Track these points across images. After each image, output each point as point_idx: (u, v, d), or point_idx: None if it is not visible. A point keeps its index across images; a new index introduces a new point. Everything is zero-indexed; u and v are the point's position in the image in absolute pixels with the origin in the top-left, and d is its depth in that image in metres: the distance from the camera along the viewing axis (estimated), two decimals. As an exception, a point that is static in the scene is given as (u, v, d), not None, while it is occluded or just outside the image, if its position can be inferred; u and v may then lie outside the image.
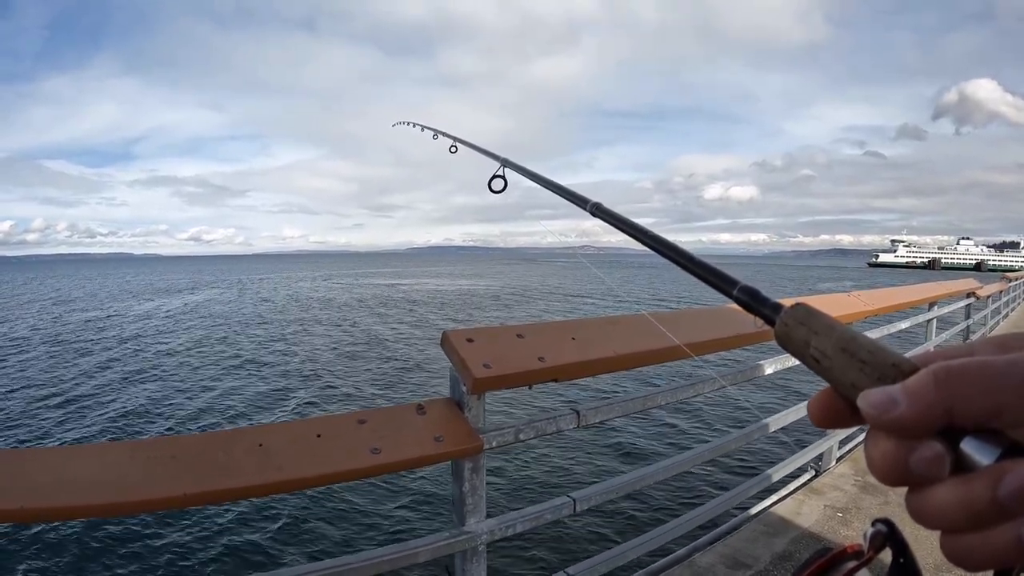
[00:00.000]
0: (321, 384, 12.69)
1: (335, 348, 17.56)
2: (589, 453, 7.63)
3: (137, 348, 18.16)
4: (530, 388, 1.69)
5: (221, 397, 11.67)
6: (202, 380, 13.26)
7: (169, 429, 9.64)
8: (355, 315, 27.33)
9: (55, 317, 28.39)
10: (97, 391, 12.31)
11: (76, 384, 12.99)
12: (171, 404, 11.17)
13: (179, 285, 55.00)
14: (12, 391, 12.41)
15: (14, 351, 17.85)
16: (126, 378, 13.57)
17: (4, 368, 15.07)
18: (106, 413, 10.57)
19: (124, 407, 10.97)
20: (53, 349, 18.12)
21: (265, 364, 15.11)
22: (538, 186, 1.14)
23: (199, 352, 17.15)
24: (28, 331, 22.90)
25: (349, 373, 13.78)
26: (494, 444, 1.61)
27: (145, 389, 12.40)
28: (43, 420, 10.20)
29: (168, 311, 30.60)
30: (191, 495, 1.22)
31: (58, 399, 11.63)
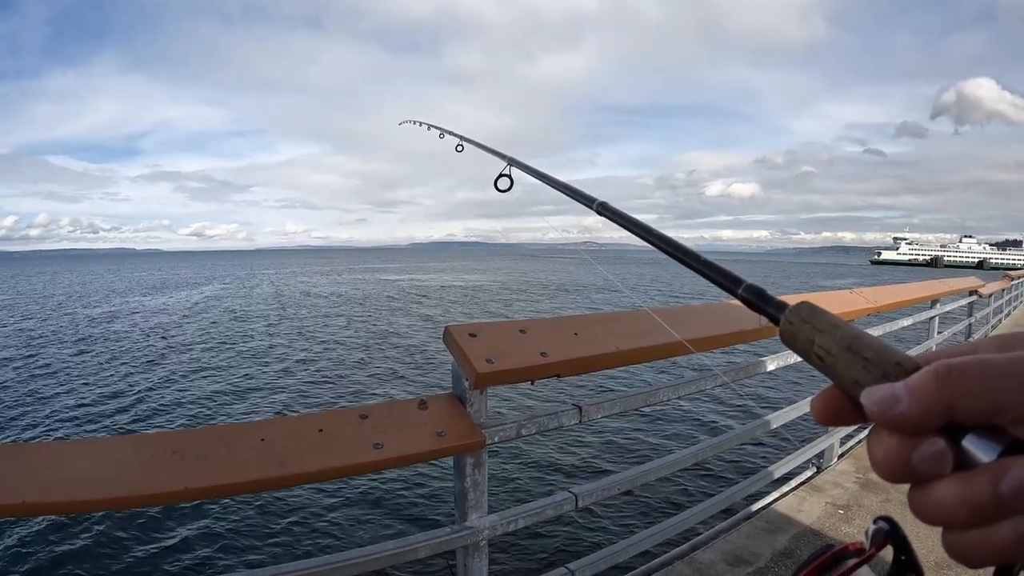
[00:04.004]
0: (323, 379, 12.72)
1: (337, 343, 17.58)
2: (591, 449, 7.64)
3: (139, 343, 18.20)
4: (532, 384, 1.69)
5: (223, 392, 11.70)
6: (204, 375, 13.29)
7: (172, 424, 9.66)
8: (357, 310, 27.36)
9: (57, 311, 28.48)
10: (99, 386, 12.34)
11: (78, 379, 13.03)
12: (173, 399, 11.19)
13: (182, 281, 55.08)
14: (14, 385, 12.46)
15: (17, 345, 17.91)
16: (128, 373, 13.60)
17: (7, 362, 15.12)
18: (108, 408, 10.60)
19: (126, 402, 11.00)
20: (55, 343, 18.18)
21: (267, 359, 15.14)
22: (541, 182, 1.14)
23: (201, 347, 17.18)
24: (30, 325, 22.98)
25: (351, 368, 13.81)
26: (496, 439, 1.61)
27: (147, 384, 12.43)
28: (45, 415, 10.23)
29: (169, 306, 30.66)
30: (193, 490, 1.23)
31: (60, 394, 11.67)
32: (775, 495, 3.17)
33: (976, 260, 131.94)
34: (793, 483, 3.33)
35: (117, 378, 13.08)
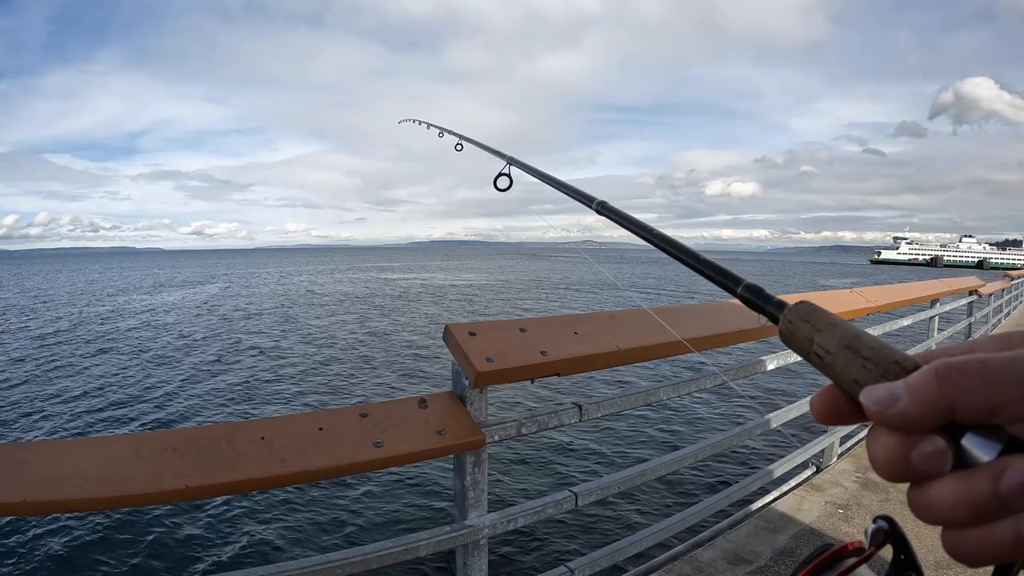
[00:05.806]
0: (323, 377, 12.72)
1: (338, 342, 17.58)
2: (591, 448, 7.64)
3: (140, 341, 18.20)
4: (532, 382, 1.69)
5: (224, 390, 11.70)
6: (205, 373, 13.29)
7: (172, 422, 9.67)
8: (357, 309, 27.34)
9: (61, 309, 28.47)
10: (99, 384, 12.34)
11: (78, 377, 13.04)
12: (174, 397, 11.20)
13: (184, 280, 55.08)
14: (14, 385, 12.46)
15: (20, 344, 17.91)
16: (129, 372, 13.60)
17: (9, 360, 15.12)
18: (109, 406, 10.61)
19: (127, 400, 11.01)
20: (55, 342, 18.18)
21: (268, 357, 15.14)
22: (540, 181, 1.14)
23: (202, 345, 17.18)
24: (33, 324, 22.98)
25: (351, 367, 13.80)
26: (496, 438, 1.61)
27: (148, 382, 12.44)
28: (45, 413, 10.23)
29: (171, 305, 30.65)
30: (194, 488, 1.23)
31: (61, 392, 11.67)
32: (775, 494, 3.17)
33: (976, 260, 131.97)
34: (793, 482, 3.33)
35: (118, 376, 13.07)
